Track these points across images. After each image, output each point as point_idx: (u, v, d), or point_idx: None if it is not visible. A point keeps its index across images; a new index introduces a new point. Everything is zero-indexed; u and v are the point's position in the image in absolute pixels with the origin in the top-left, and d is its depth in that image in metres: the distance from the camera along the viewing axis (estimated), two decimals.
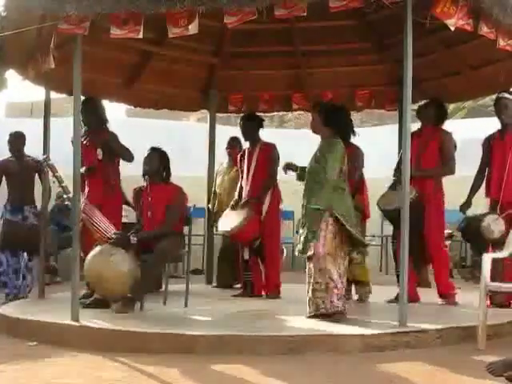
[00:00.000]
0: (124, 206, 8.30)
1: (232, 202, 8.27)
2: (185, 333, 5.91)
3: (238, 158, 8.47)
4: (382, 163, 10.41)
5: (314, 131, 6.68)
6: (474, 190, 7.66)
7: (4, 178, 8.83)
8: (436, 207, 7.48)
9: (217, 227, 9.01)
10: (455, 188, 7.82)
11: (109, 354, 5.63)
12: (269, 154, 8.09)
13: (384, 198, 7.54)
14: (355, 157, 7.39)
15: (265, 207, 7.97)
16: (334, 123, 6.57)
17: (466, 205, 7.64)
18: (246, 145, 8.62)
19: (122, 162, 7.93)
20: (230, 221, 7.95)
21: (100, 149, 7.70)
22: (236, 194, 8.36)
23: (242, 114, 9.01)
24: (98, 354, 5.66)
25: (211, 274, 9.70)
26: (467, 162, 7.68)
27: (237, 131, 8.54)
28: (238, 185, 8.40)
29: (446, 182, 7.67)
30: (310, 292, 6.37)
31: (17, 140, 8.81)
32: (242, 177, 8.30)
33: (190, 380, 4.94)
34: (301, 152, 7.89)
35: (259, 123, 8.30)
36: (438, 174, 7.57)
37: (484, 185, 7.66)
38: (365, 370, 5.19)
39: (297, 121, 21.42)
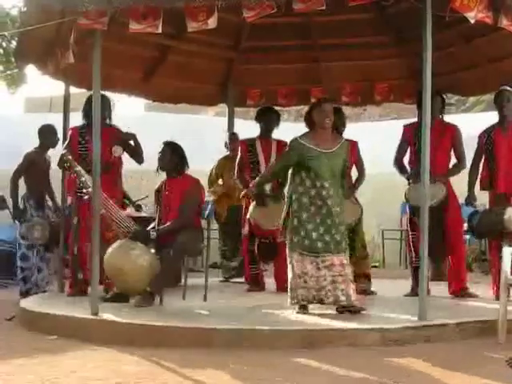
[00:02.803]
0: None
1: (255, 192, 8.14)
2: (204, 327, 5.94)
3: (245, 150, 8.34)
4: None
5: (330, 126, 6.67)
6: (472, 183, 7.63)
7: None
8: (456, 203, 7.58)
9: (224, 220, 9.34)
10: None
11: (128, 348, 5.65)
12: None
13: (414, 192, 7.41)
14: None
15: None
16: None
17: (472, 197, 7.62)
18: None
19: None
20: (269, 216, 7.83)
21: (119, 146, 7.70)
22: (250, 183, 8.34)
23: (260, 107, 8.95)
24: (117, 348, 5.68)
25: None
26: None
27: (253, 125, 8.52)
28: (236, 173, 8.39)
29: (464, 176, 7.66)
30: (329, 284, 6.39)
31: (47, 134, 8.78)
32: (253, 168, 8.24)
33: (209, 374, 4.94)
34: None
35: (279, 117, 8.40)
36: (457, 172, 7.68)
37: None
38: (383, 364, 5.18)
39: None
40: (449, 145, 7.59)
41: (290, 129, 8.33)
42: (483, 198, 7.76)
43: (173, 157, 7.40)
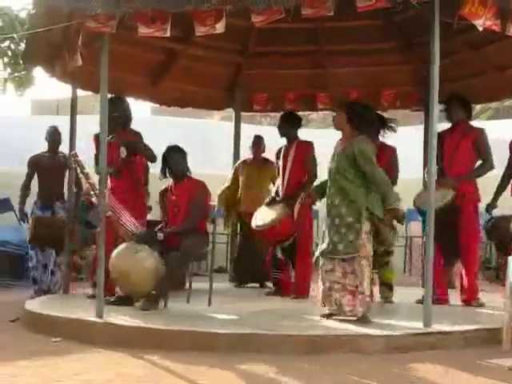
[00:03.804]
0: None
1: (267, 199, 8.25)
2: (207, 331, 5.93)
3: (275, 156, 8.44)
4: (406, 163, 10.37)
5: (338, 128, 6.63)
6: (500, 190, 7.58)
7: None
8: (472, 209, 7.37)
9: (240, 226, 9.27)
10: (480, 188, 7.74)
11: (132, 351, 5.65)
12: (307, 154, 8.06)
13: (421, 197, 7.41)
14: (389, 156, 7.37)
15: (297, 207, 7.95)
16: (359, 122, 6.45)
17: (492, 205, 7.58)
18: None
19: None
20: (263, 217, 7.92)
21: (124, 147, 7.71)
22: (273, 191, 8.37)
23: (280, 113, 8.96)
24: (122, 351, 5.68)
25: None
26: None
27: (260, 130, 8.55)
28: (276, 183, 8.43)
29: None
30: (327, 290, 6.37)
31: (54, 135, 8.89)
32: (279, 175, 8.30)
33: (212, 378, 4.95)
34: (325, 152, 7.88)
35: (298, 122, 8.30)
36: (482, 173, 7.42)
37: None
38: (387, 370, 5.17)
39: (321, 120, 21.40)
40: (470, 147, 7.40)
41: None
42: None
43: (181, 160, 7.42)
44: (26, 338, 6.44)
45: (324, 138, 8.75)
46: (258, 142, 9.48)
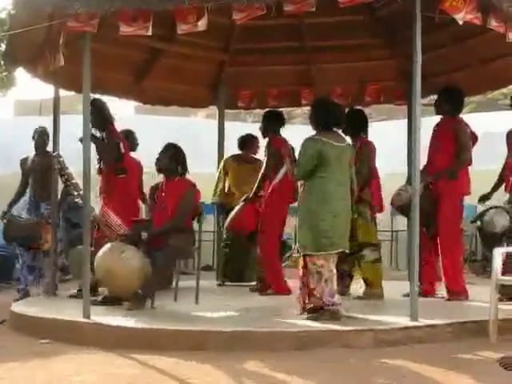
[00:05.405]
0: None
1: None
2: (196, 329, 5.93)
3: None
4: (390, 158, 10.41)
5: None
6: (498, 184, 7.57)
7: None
8: (451, 204, 7.30)
9: None
10: None
11: (121, 351, 5.64)
12: (266, 149, 8.14)
13: (396, 196, 7.44)
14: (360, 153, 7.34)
15: (263, 201, 8.01)
16: (314, 120, 6.48)
17: (485, 197, 7.57)
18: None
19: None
20: None
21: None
22: None
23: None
24: (110, 351, 5.67)
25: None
26: (477, 157, 7.61)
27: (244, 127, 8.55)
28: None
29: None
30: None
31: (40, 136, 8.85)
32: None
33: (203, 376, 4.93)
34: None
35: (273, 121, 8.23)
36: (456, 168, 7.34)
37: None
38: (377, 365, 5.19)
39: (305, 116, 21.38)
40: (449, 143, 7.34)
41: (280, 130, 8.35)
42: None
43: (170, 159, 7.37)
44: (13, 340, 6.41)
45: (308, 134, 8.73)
46: (252, 143, 9.42)
